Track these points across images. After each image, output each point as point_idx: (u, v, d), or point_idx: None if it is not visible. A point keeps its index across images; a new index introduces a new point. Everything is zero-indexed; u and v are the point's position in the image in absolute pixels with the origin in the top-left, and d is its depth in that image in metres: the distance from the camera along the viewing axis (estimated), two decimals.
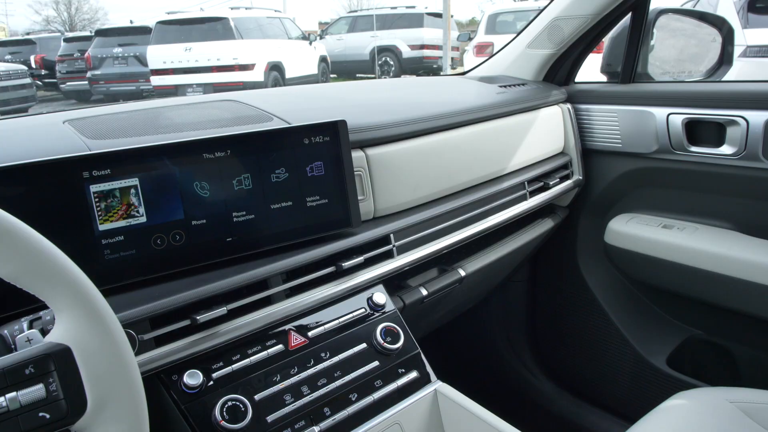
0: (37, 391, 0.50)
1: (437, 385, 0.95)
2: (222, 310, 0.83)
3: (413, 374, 0.95)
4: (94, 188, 0.79)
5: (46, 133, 0.94)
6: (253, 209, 0.91)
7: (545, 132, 1.46)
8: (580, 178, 1.55)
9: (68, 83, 12.72)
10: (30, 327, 0.66)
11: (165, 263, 0.84)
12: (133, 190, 0.82)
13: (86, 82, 11.71)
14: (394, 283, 1.17)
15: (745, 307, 1.34)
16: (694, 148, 1.38)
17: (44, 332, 0.61)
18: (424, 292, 1.17)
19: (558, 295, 1.72)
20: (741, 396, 1.13)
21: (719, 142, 1.34)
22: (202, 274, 0.86)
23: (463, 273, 1.25)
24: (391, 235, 1.07)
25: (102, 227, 0.80)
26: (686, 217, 1.47)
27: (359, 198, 1.04)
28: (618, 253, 1.52)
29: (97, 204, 0.79)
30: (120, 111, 1.07)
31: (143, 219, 0.83)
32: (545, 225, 1.52)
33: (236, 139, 0.90)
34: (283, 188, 0.94)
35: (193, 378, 0.80)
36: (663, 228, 1.45)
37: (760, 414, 1.09)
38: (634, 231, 1.48)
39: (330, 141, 0.98)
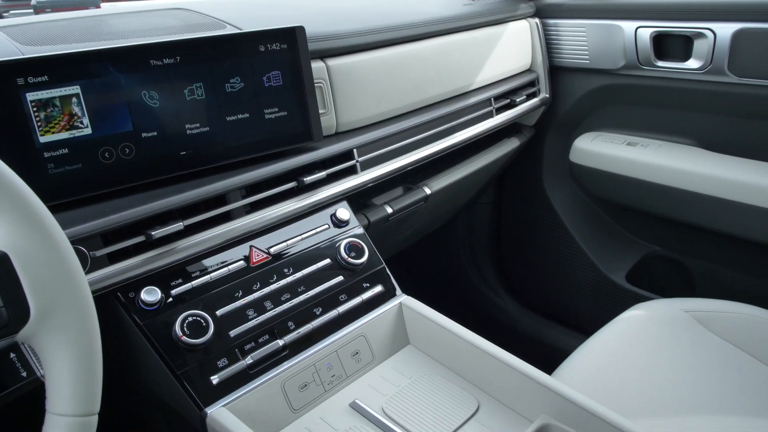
0: None
1: (402, 298, 0.95)
2: (178, 226, 0.80)
3: (378, 288, 0.94)
4: (30, 96, 0.73)
5: None
6: (207, 121, 0.87)
7: (512, 47, 1.42)
8: (547, 96, 1.53)
9: (11, 11, 11.91)
10: None
11: (115, 178, 0.80)
12: (74, 99, 0.76)
13: (31, 11, 10.99)
14: (358, 201, 1.15)
15: (703, 221, 1.37)
16: (660, 63, 1.36)
17: None
18: (389, 210, 1.15)
19: (523, 216, 1.73)
20: (694, 305, 1.17)
21: (686, 57, 1.33)
22: (155, 189, 0.82)
23: (428, 191, 1.24)
24: (355, 150, 1.04)
25: (43, 139, 0.75)
26: (650, 135, 1.47)
27: (320, 112, 1.00)
28: (582, 171, 1.53)
29: (36, 114, 0.74)
30: (59, 18, 0.99)
31: (88, 131, 0.78)
32: (511, 144, 1.50)
33: (185, 45, 0.84)
34: (238, 99, 0.89)
35: (150, 295, 0.77)
36: (627, 145, 1.46)
37: (712, 321, 1.13)
38: (598, 149, 1.48)
39: (288, 49, 0.93)
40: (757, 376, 1.02)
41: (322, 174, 0.97)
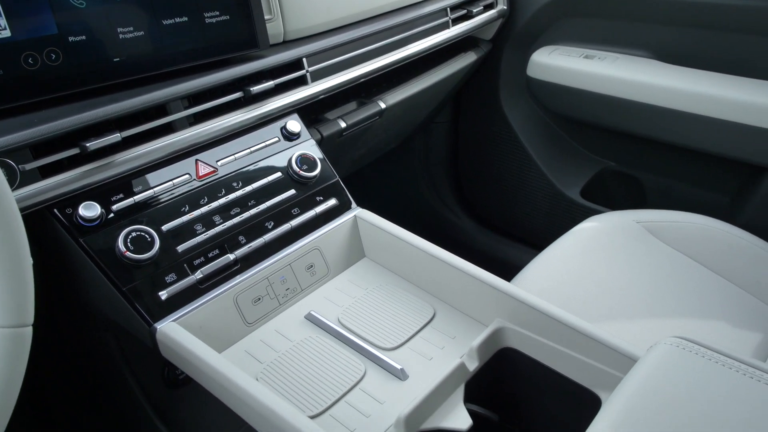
0: None
1: (357, 211, 0.93)
2: (115, 137, 0.75)
3: (332, 201, 0.92)
4: None
5: None
6: (141, 25, 0.80)
7: None
8: (505, 8, 1.48)
9: None
10: None
11: (41, 86, 0.73)
12: None
13: None
14: (310, 116, 1.11)
15: (657, 134, 1.38)
16: None
17: None
18: (343, 125, 1.11)
19: (480, 134, 1.71)
20: (646, 216, 1.19)
21: None
22: (88, 99, 0.76)
23: (383, 105, 1.20)
24: (304, 60, 0.98)
25: None
26: (608, 48, 1.45)
27: (266, 17, 0.94)
28: (540, 86, 1.51)
29: None
30: None
31: (6, 33, 0.70)
32: (468, 58, 1.46)
33: None
34: (175, 0, 0.82)
35: (89, 210, 0.73)
36: (584, 58, 1.43)
37: (662, 231, 1.16)
38: (556, 62, 1.46)
39: None
40: (702, 281, 1.06)
41: (270, 84, 0.92)
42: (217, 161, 0.87)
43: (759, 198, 1.30)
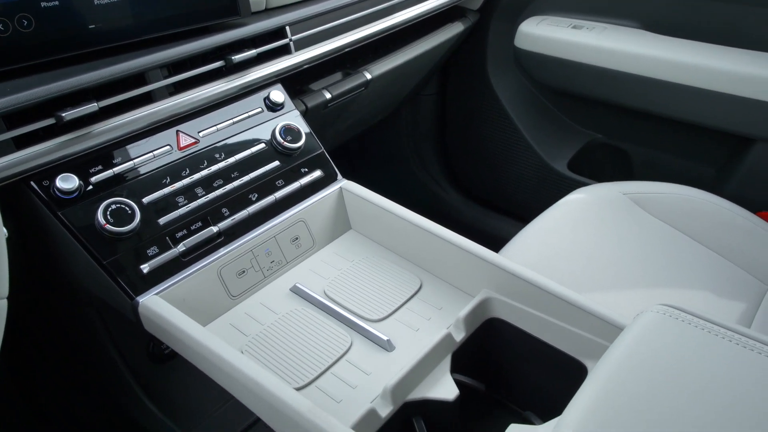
0: None
1: (343, 182, 0.92)
2: (92, 107, 0.73)
3: (317, 173, 0.91)
4: None
5: None
6: None
7: None
8: None
9: None
10: None
11: (13, 54, 0.71)
12: None
13: None
14: (295, 87, 1.09)
15: (644, 105, 1.37)
16: None
17: None
18: (328, 96, 1.09)
19: (467, 107, 1.70)
20: (632, 188, 1.19)
21: None
22: (63, 68, 0.74)
23: (369, 76, 1.18)
24: (287, 28, 0.96)
25: None
26: (596, 18, 1.43)
27: None
28: (527, 57, 1.49)
29: None
30: None
31: None
32: (455, 29, 1.44)
33: None
34: None
35: (67, 182, 0.71)
36: (573, 29, 1.42)
37: (648, 202, 1.16)
38: (544, 33, 1.44)
39: None
40: (688, 252, 1.06)
41: (252, 52, 0.90)
42: (199, 132, 0.85)
43: (745, 169, 1.31)
